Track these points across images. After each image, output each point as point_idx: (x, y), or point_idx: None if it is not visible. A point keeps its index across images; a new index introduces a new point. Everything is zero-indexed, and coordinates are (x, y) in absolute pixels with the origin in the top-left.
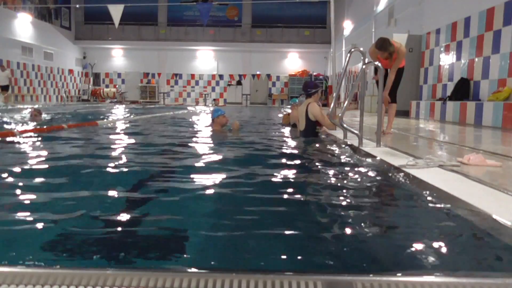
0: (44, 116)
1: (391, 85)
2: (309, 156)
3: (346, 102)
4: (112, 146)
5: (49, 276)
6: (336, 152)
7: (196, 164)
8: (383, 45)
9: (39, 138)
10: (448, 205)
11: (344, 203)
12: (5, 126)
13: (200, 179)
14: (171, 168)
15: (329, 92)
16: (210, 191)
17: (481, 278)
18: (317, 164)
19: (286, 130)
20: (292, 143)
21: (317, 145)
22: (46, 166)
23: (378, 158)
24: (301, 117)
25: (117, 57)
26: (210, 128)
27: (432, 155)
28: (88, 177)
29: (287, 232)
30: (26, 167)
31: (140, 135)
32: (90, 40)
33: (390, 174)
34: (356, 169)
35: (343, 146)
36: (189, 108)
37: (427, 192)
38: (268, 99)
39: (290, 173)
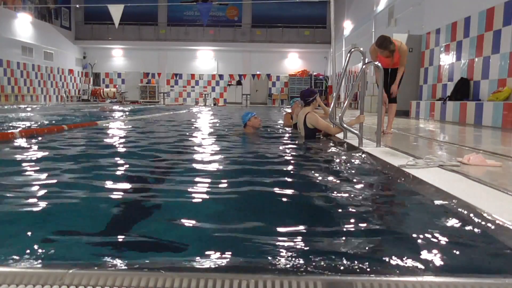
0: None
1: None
2: (309, 156)
3: (346, 102)
4: (112, 146)
5: (49, 276)
6: (336, 152)
7: (197, 165)
8: (384, 43)
9: (39, 139)
10: (448, 205)
11: (343, 203)
12: None
13: (201, 179)
14: (173, 168)
15: (329, 92)
16: (210, 191)
17: (481, 278)
18: (317, 164)
19: (287, 131)
20: (292, 144)
21: (317, 145)
22: (46, 166)
23: (378, 158)
24: (300, 124)
25: (117, 57)
26: (241, 132)
27: (432, 155)
28: (88, 177)
29: (286, 232)
30: (26, 168)
31: (143, 135)
32: (90, 40)
33: (390, 174)
34: (356, 169)
35: (343, 146)
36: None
37: (427, 192)
38: (268, 99)
39: (291, 173)
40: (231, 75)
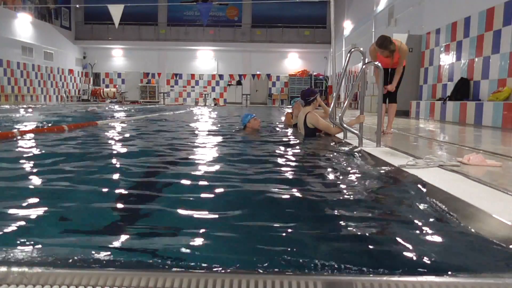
0: None
1: (397, 86)
2: (309, 156)
3: (346, 102)
4: (113, 146)
5: (49, 276)
6: (336, 152)
7: (197, 165)
8: (384, 43)
9: (39, 139)
10: (448, 205)
11: (343, 203)
12: None
13: (201, 179)
14: (172, 168)
15: (329, 92)
16: (210, 191)
17: (481, 278)
18: (317, 164)
19: (287, 131)
20: (292, 143)
21: (318, 145)
22: (46, 166)
23: (378, 158)
24: (300, 124)
25: (117, 57)
26: (241, 133)
27: (432, 155)
28: (88, 177)
29: (286, 232)
30: (26, 167)
31: (142, 134)
32: (90, 40)
33: (390, 174)
34: (356, 169)
35: (343, 146)
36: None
37: (427, 192)
38: (268, 99)
39: (291, 173)
40: (231, 75)
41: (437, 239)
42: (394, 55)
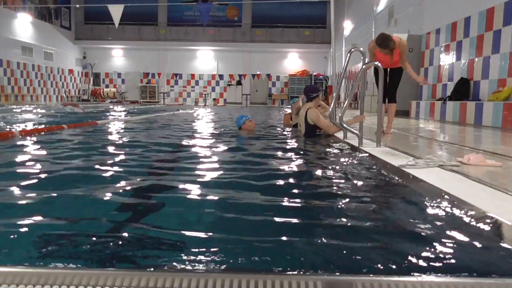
0: None
1: (396, 86)
2: (309, 156)
3: (346, 102)
4: (112, 146)
5: (49, 276)
6: (336, 152)
7: (198, 165)
8: (384, 43)
9: (39, 138)
10: (448, 205)
11: (343, 203)
12: None
13: (202, 179)
14: (172, 168)
15: (329, 92)
16: (211, 191)
17: (481, 278)
18: (317, 164)
19: (287, 131)
20: (292, 143)
21: (317, 145)
22: (46, 166)
23: (378, 158)
24: (301, 120)
25: (117, 57)
26: (237, 134)
27: (432, 155)
28: (88, 177)
29: (286, 232)
30: (26, 167)
31: (142, 134)
32: (90, 40)
33: (390, 174)
34: (356, 169)
35: (343, 146)
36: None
37: (427, 192)
38: (268, 99)
39: (290, 173)
40: (231, 75)
41: (437, 239)
42: (393, 52)
